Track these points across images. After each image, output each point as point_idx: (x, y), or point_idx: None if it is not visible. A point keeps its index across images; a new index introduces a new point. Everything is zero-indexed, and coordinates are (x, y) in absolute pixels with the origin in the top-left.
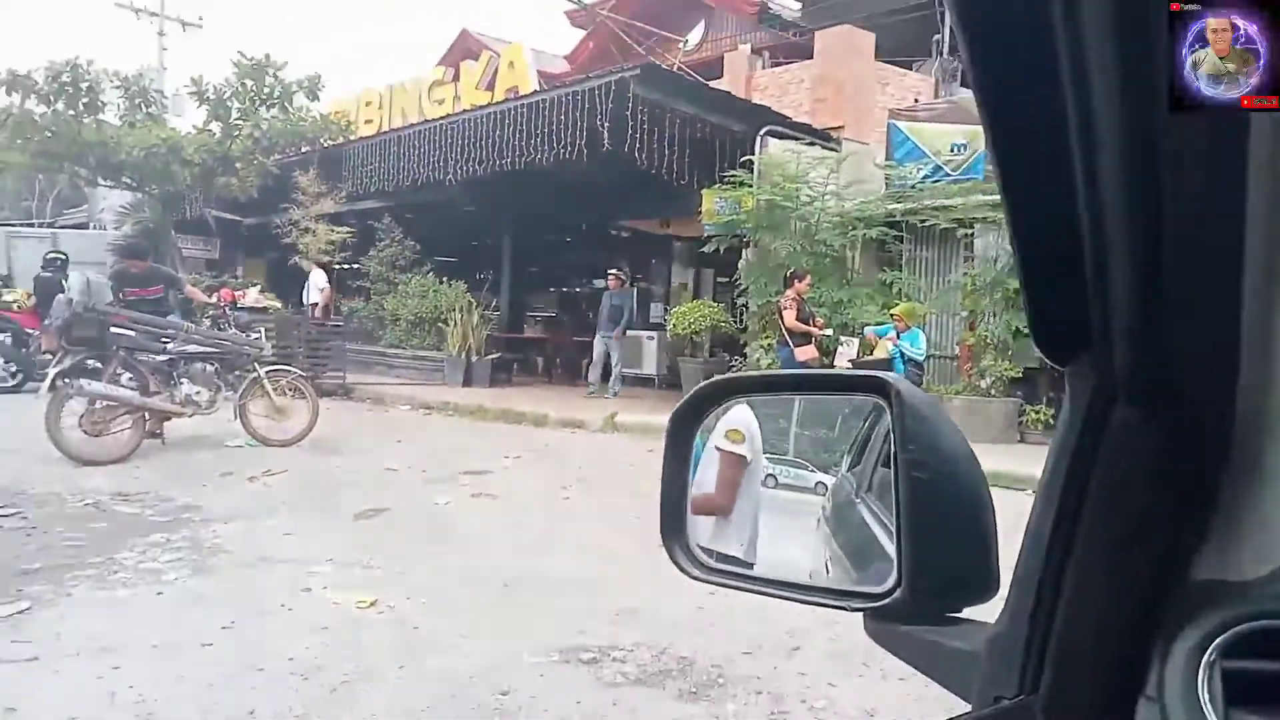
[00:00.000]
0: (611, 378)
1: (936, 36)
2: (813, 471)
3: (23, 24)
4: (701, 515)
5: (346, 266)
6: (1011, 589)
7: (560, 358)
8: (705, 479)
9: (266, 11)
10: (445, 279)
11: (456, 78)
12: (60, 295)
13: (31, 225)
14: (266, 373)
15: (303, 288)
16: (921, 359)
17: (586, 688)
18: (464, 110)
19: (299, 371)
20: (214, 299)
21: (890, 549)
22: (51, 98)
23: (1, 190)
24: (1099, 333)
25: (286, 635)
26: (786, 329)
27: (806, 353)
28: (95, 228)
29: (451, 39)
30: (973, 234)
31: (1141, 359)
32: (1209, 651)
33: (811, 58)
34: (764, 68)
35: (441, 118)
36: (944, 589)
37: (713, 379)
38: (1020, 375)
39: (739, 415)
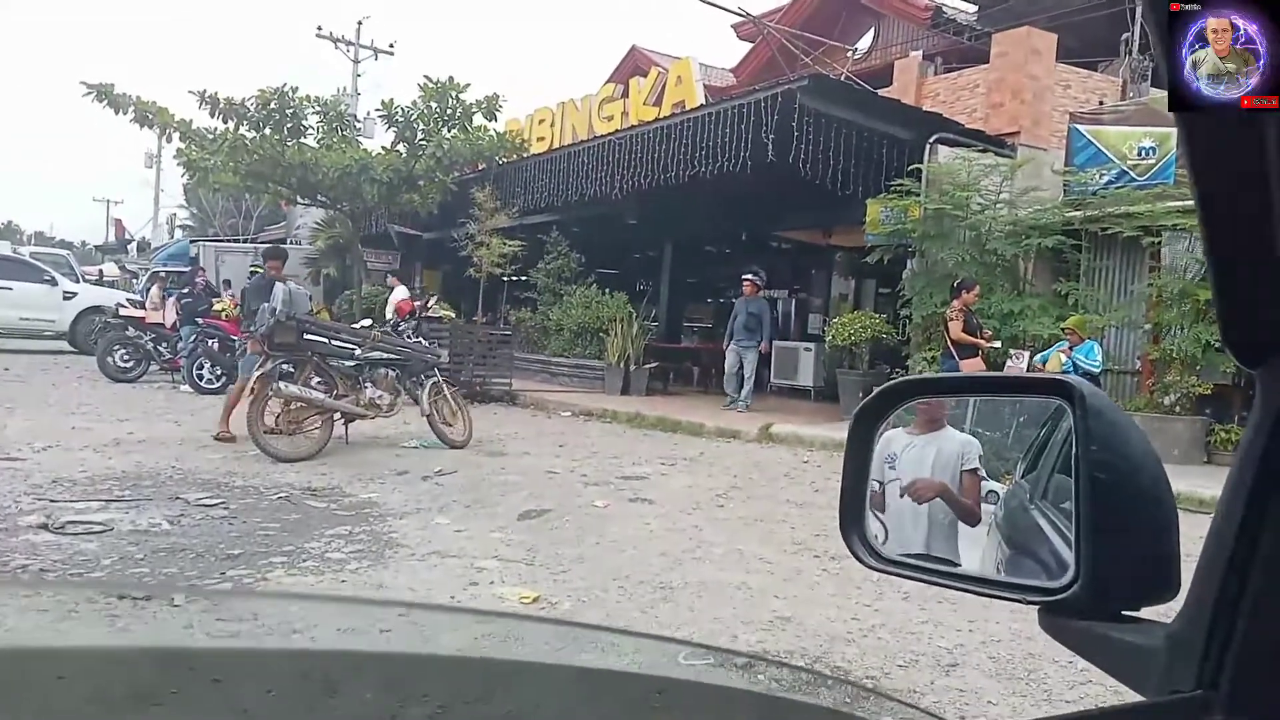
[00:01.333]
0: (744, 391)
1: (1126, 35)
2: (985, 479)
3: (235, 54)
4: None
5: (516, 278)
6: (1192, 587)
7: (715, 367)
8: (919, 474)
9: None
10: (607, 290)
11: (625, 94)
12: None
13: (237, 240)
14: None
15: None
16: (1098, 372)
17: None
18: (631, 126)
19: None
20: (391, 310)
21: (1067, 553)
22: (261, 123)
23: (213, 208)
24: None
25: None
26: (952, 340)
27: (972, 366)
28: (292, 242)
29: (621, 56)
30: (1160, 242)
31: None
32: None
33: (986, 63)
34: (936, 74)
35: (610, 134)
36: (1122, 587)
37: (895, 380)
38: (1209, 392)
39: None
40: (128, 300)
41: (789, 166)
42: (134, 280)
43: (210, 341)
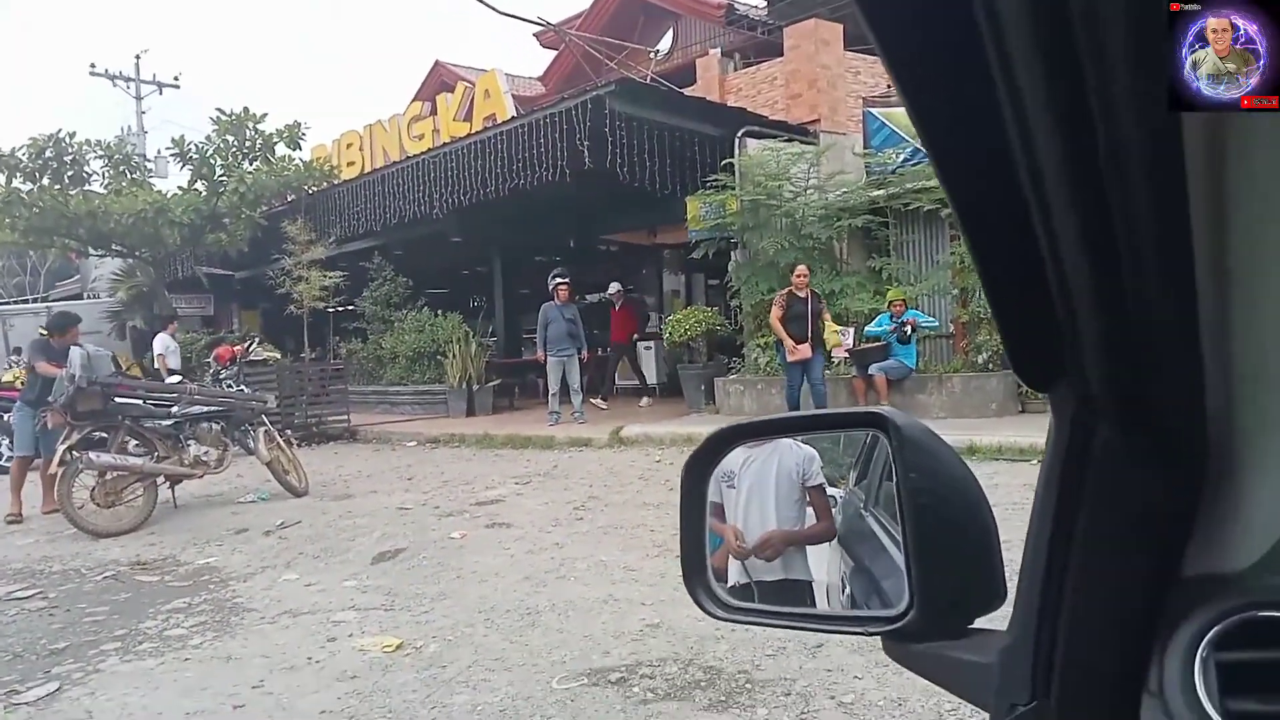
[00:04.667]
0: (577, 401)
1: None
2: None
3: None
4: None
5: (341, 309)
6: (1016, 600)
7: None
8: (751, 514)
9: (243, 65)
10: (440, 311)
11: (434, 111)
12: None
13: (26, 301)
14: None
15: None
16: (936, 327)
17: (617, 708)
18: (444, 144)
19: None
20: (211, 358)
21: (901, 561)
22: (37, 174)
23: None
24: (1071, 356)
25: (316, 688)
26: (770, 327)
27: (800, 353)
28: (89, 297)
29: (425, 73)
30: None
31: (1113, 377)
32: (1203, 645)
33: (782, 55)
34: (736, 69)
35: (422, 153)
36: (954, 605)
37: (720, 429)
38: None
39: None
40: None
41: (607, 171)
42: None
43: (4, 416)
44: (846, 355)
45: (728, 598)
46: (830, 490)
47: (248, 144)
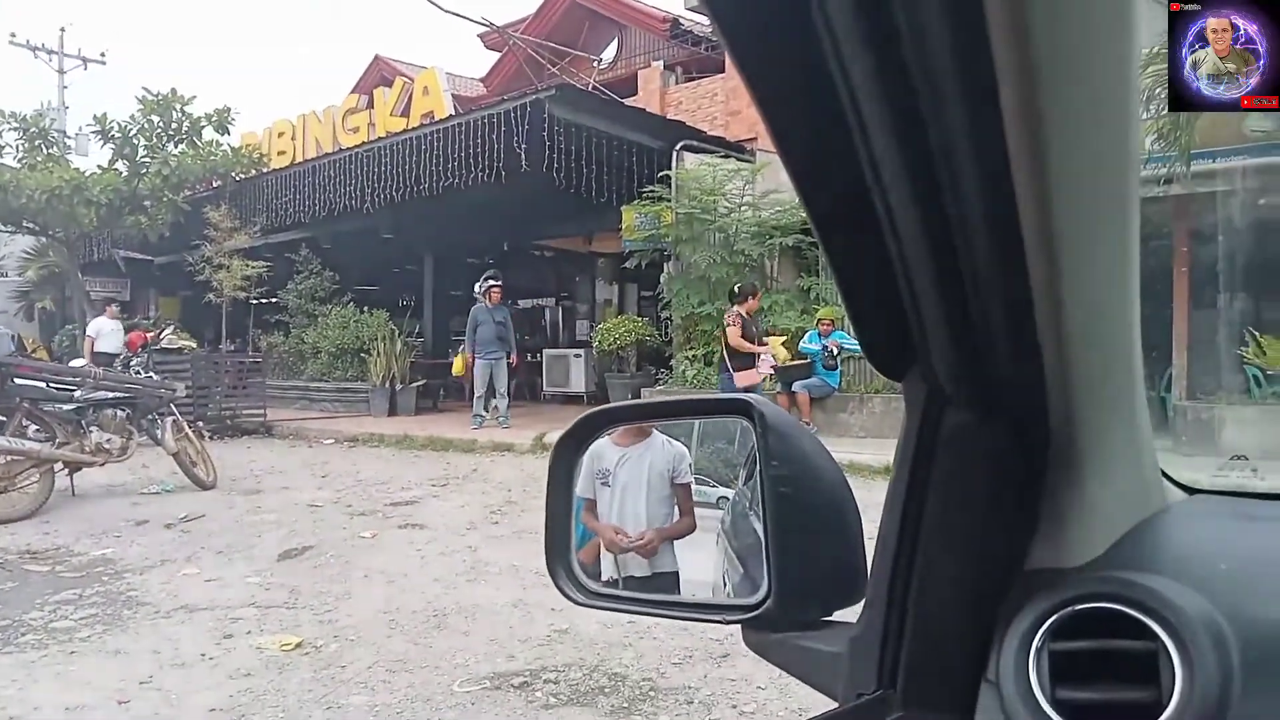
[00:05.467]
0: (503, 405)
1: None
2: (714, 486)
3: None
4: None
5: (263, 300)
6: (868, 590)
7: None
8: (626, 511)
9: (174, 46)
10: (366, 308)
11: (371, 105)
12: None
13: None
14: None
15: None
16: (859, 353)
17: (518, 713)
18: (379, 138)
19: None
20: (123, 342)
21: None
22: None
23: None
24: (920, 346)
25: (208, 686)
26: (730, 348)
27: (747, 378)
28: None
29: (365, 66)
30: None
31: (960, 367)
32: (1038, 635)
33: (724, 71)
34: (678, 83)
35: (356, 146)
36: (813, 595)
37: (589, 411)
38: None
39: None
40: None
41: (544, 175)
42: None
43: None
44: (772, 372)
45: (590, 583)
46: (721, 490)
47: (174, 126)
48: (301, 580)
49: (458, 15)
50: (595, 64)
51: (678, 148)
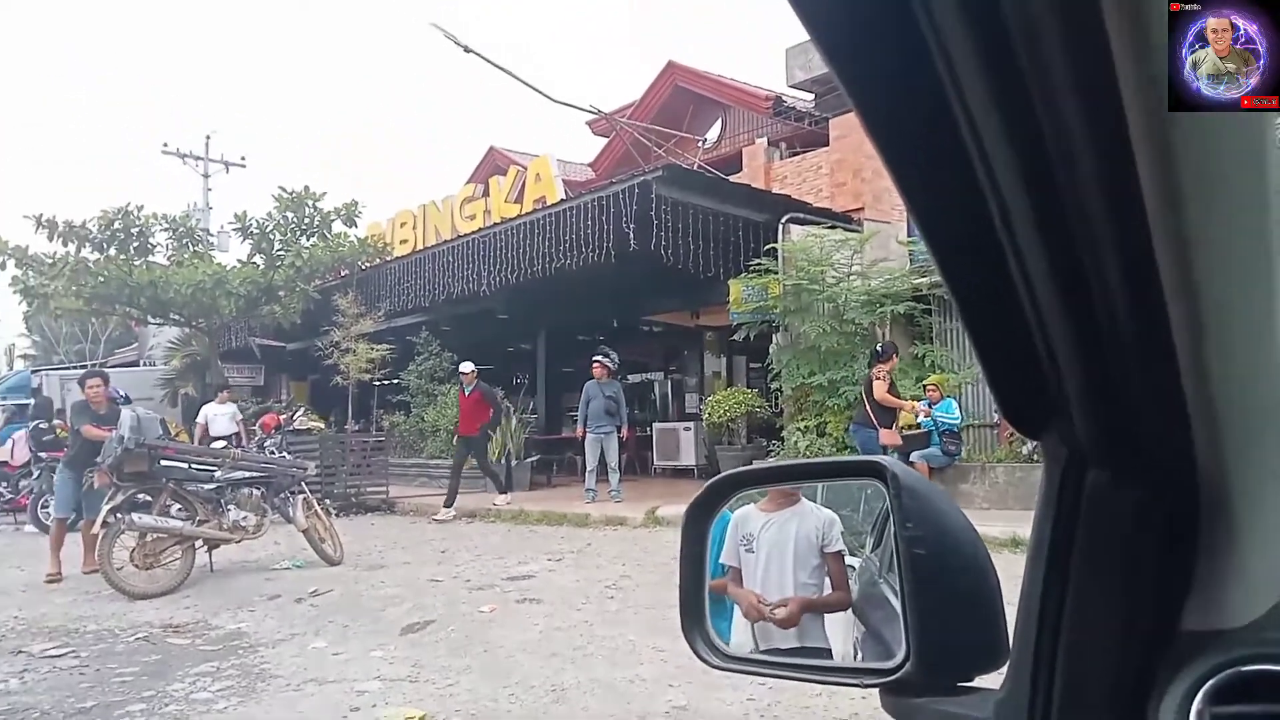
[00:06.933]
0: (614, 479)
1: None
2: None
3: (77, 175)
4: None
5: (386, 381)
6: (1012, 654)
7: None
8: (770, 578)
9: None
10: None
11: (486, 193)
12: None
13: (85, 366)
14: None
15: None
16: (958, 427)
17: None
18: (494, 224)
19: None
20: (257, 426)
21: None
22: (104, 244)
23: (57, 335)
24: (1059, 404)
25: None
26: (876, 401)
27: (892, 437)
28: (145, 364)
29: (480, 157)
30: None
31: (1101, 425)
32: (1198, 699)
33: (827, 146)
34: (782, 158)
35: (473, 232)
36: (953, 659)
37: (719, 477)
38: None
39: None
40: None
41: (651, 253)
42: None
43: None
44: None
45: (725, 647)
46: (851, 560)
47: (306, 220)
48: (424, 654)
49: (568, 105)
50: (700, 144)
51: (783, 220)
